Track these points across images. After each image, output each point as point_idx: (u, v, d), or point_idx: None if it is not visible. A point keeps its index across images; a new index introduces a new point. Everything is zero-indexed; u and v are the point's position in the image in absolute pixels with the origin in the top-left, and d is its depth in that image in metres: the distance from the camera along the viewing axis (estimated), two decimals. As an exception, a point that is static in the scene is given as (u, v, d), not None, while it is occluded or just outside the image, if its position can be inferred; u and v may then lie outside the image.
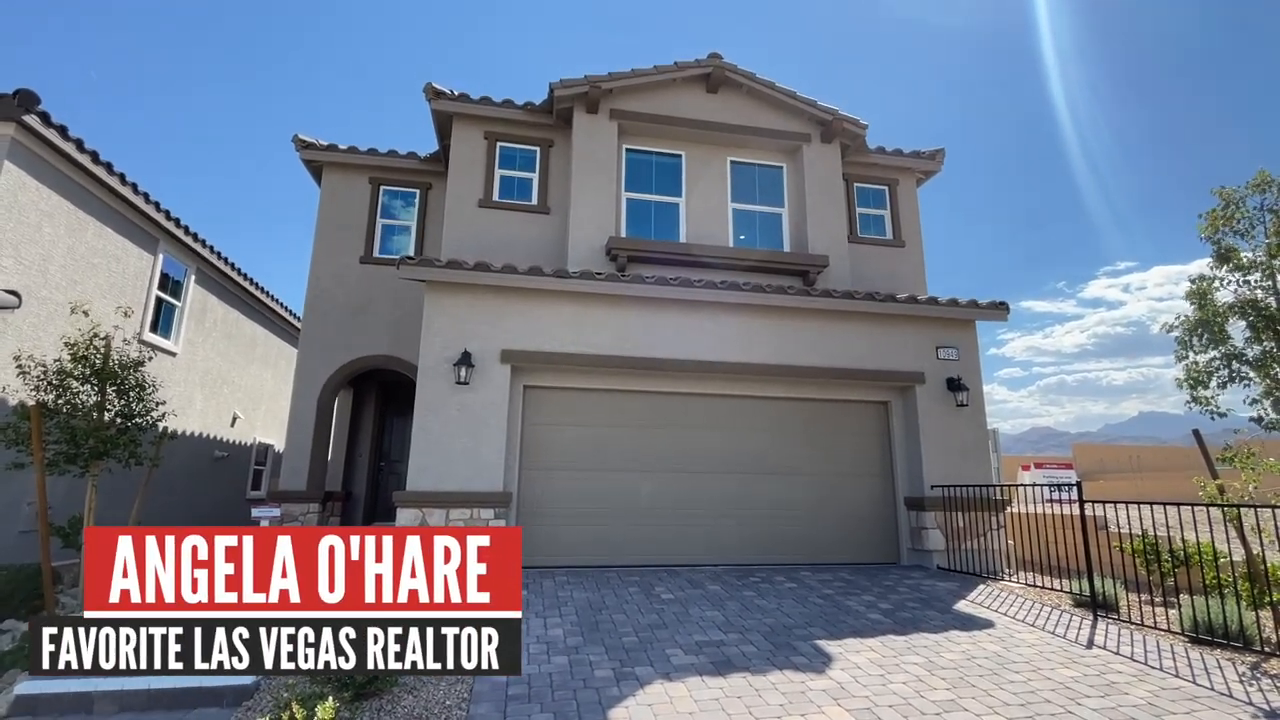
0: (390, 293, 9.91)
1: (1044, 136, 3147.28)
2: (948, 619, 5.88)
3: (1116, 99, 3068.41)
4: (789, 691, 4.17)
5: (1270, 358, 5.37)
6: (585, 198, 9.21)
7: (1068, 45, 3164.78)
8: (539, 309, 7.84)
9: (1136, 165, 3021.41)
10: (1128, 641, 5.29)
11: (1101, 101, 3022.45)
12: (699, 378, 8.26)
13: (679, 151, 9.91)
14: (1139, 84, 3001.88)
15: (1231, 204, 5.65)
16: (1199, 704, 4.07)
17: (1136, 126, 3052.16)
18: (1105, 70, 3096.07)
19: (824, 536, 8.34)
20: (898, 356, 8.68)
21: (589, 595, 6.37)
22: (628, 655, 4.78)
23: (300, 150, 10.35)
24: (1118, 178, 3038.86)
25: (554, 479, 7.81)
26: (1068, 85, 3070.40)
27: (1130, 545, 7.31)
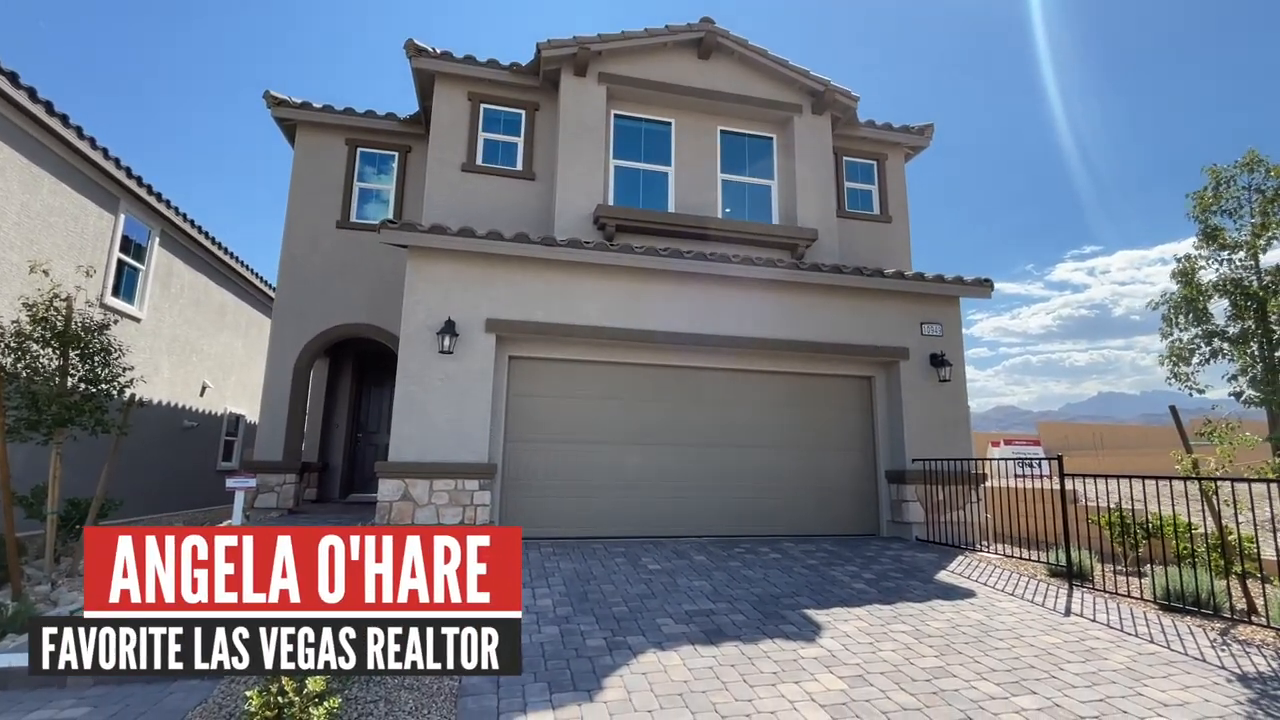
0: (368, 259, 9.60)
1: (1020, 122, 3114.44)
2: (931, 589, 6.00)
3: (1091, 86, 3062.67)
4: (781, 660, 4.20)
5: (1249, 335, 5.47)
6: (573, 164, 8.97)
7: (1045, 34, 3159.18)
8: (525, 278, 7.65)
9: (1106, 151, 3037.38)
10: (1103, 609, 5.45)
11: (1075, 89, 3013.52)
12: (687, 350, 8.19)
13: (669, 119, 9.69)
14: (1114, 72, 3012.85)
15: (1221, 183, 5.68)
16: (1175, 668, 4.21)
17: (1109, 113, 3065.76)
18: (1082, 58, 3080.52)
19: (806, 509, 8.43)
20: (883, 331, 8.71)
21: (576, 566, 6.34)
22: (619, 625, 4.77)
23: (272, 108, 9.87)
24: (1089, 163, 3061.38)
25: (539, 451, 7.72)
26: (1048, 74, 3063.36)
27: (1103, 518, 7.52)
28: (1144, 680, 4.01)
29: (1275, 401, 5.41)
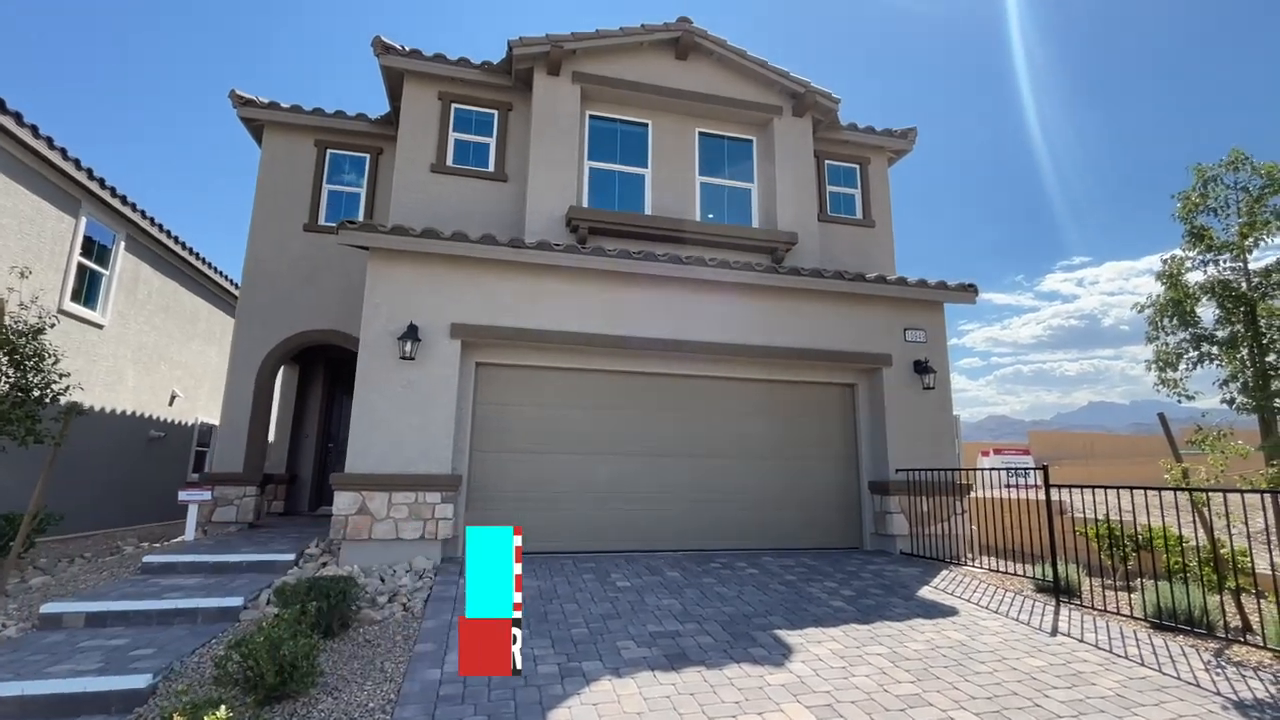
0: (337, 263, 9.29)
1: (1012, 133, 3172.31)
2: (911, 606, 5.70)
3: (1080, 99, 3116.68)
4: (746, 687, 3.89)
5: (1239, 339, 5.24)
6: (545, 165, 8.71)
7: (1036, 47, 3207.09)
8: (493, 281, 7.37)
9: (1094, 164, 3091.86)
10: (1091, 628, 5.17)
11: (1066, 102, 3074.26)
12: (662, 357, 7.91)
13: (645, 120, 9.46)
14: (1101, 86, 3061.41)
15: (1207, 182, 5.49)
16: (1167, 694, 3.92)
17: (1096, 127, 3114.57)
18: (1069, 72, 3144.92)
19: (787, 521, 8.13)
20: (865, 338, 8.47)
21: (540, 584, 6.01)
22: (576, 649, 4.45)
23: (238, 108, 9.58)
24: (1078, 175, 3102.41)
25: (507, 461, 7.40)
26: (1035, 86, 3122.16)
27: (1091, 530, 7.26)
28: (1134, 709, 3.72)
29: (1267, 409, 5.17)
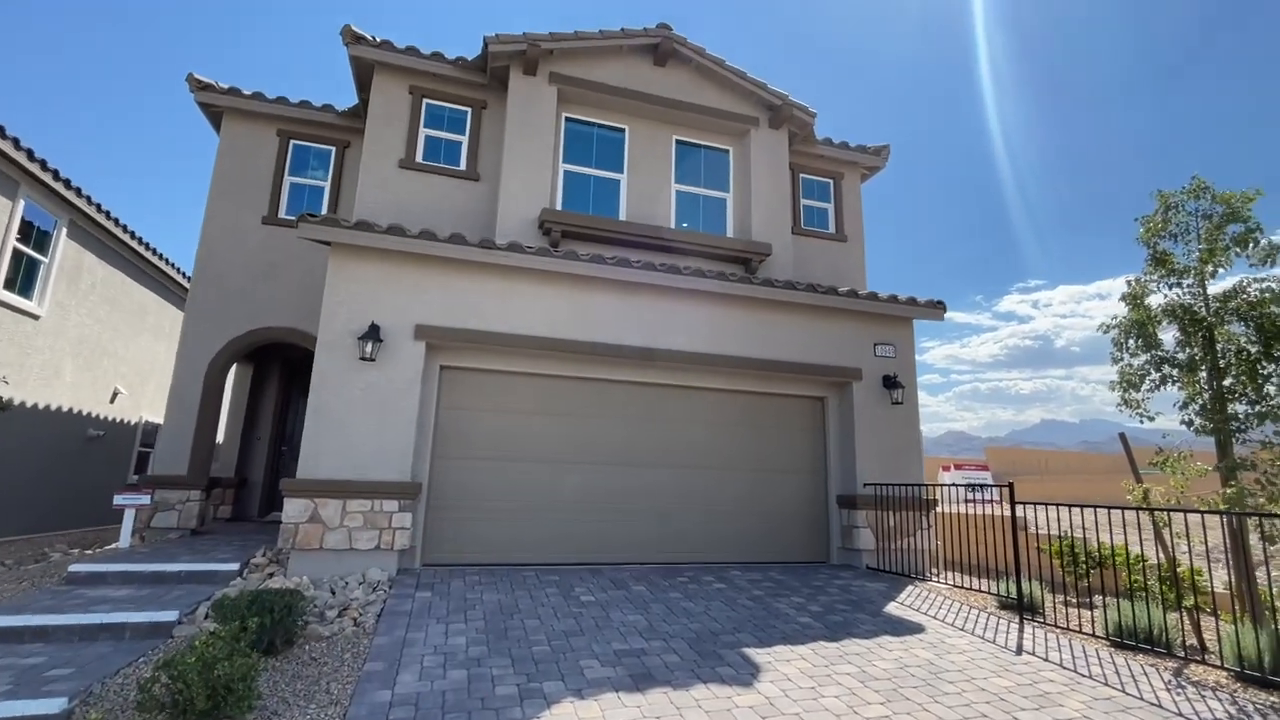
0: (298, 259, 8.90)
1: (976, 158, 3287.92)
2: (879, 623, 5.65)
3: (1041, 125, 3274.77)
4: (714, 709, 3.74)
5: (1197, 362, 5.35)
6: (519, 165, 8.52)
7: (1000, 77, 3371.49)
8: (461, 282, 7.13)
9: (1052, 188, 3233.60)
10: (1055, 646, 5.18)
11: (1028, 127, 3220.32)
12: (633, 365, 7.77)
13: (622, 125, 9.36)
14: (1060, 113, 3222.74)
15: (1170, 208, 5.62)
16: (1133, 716, 3.91)
17: (1056, 153, 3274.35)
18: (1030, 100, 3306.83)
19: (755, 534, 8.04)
20: (836, 351, 8.47)
21: (501, 597, 5.78)
22: (537, 668, 4.24)
23: (196, 92, 9.15)
24: (1038, 199, 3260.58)
25: (470, 469, 7.14)
26: (998, 113, 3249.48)
27: (1052, 547, 7.36)
28: (1101, 731, 3.70)
29: (1223, 431, 5.28)
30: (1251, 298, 5.28)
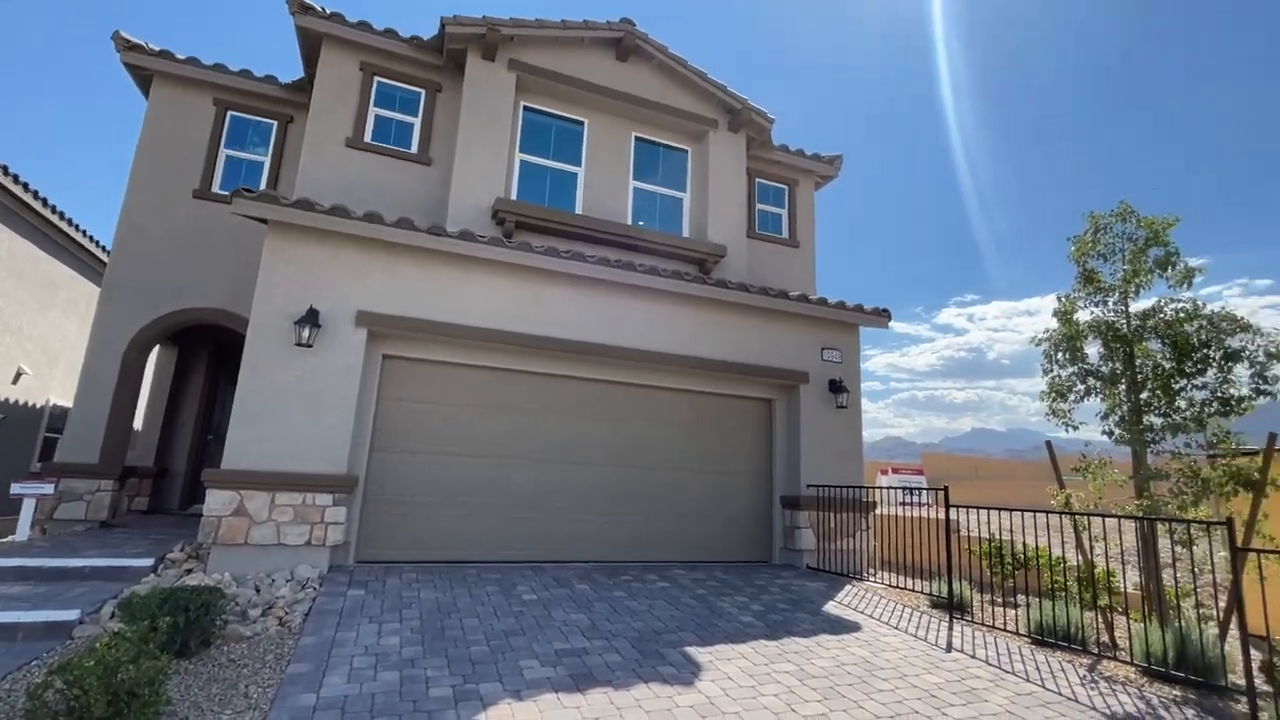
0: (232, 237, 8.39)
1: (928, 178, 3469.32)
2: (818, 622, 5.75)
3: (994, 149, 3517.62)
4: (654, 709, 3.71)
5: (1118, 376, 5.68)
6: (473, 152, 8.29)
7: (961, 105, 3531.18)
8: (408, 269, 6.87)
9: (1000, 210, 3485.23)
10: (981, 644, 5.39)
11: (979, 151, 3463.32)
12: (585, 361, 7.67)
13: (582, 118, 9.24)
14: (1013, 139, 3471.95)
15: (1099, 229, 5.94)
16: (1052, 710, 4.10)
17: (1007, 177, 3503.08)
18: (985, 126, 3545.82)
19: (701, 534, 8.08)
20: (786, 354, 8.61)
21: (439, 596, 5.59)
22: (474, 668, 4.11)
23: (122, 52, 8.52)
24: (980, 220, 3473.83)
25: (412, 463, 6.89)
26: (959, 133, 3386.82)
27: (980, 549, 7.68)
28: (1023, 725, 3.86)
29: (1139, 442, 5.61)
30: (1168, 317, 5.64)
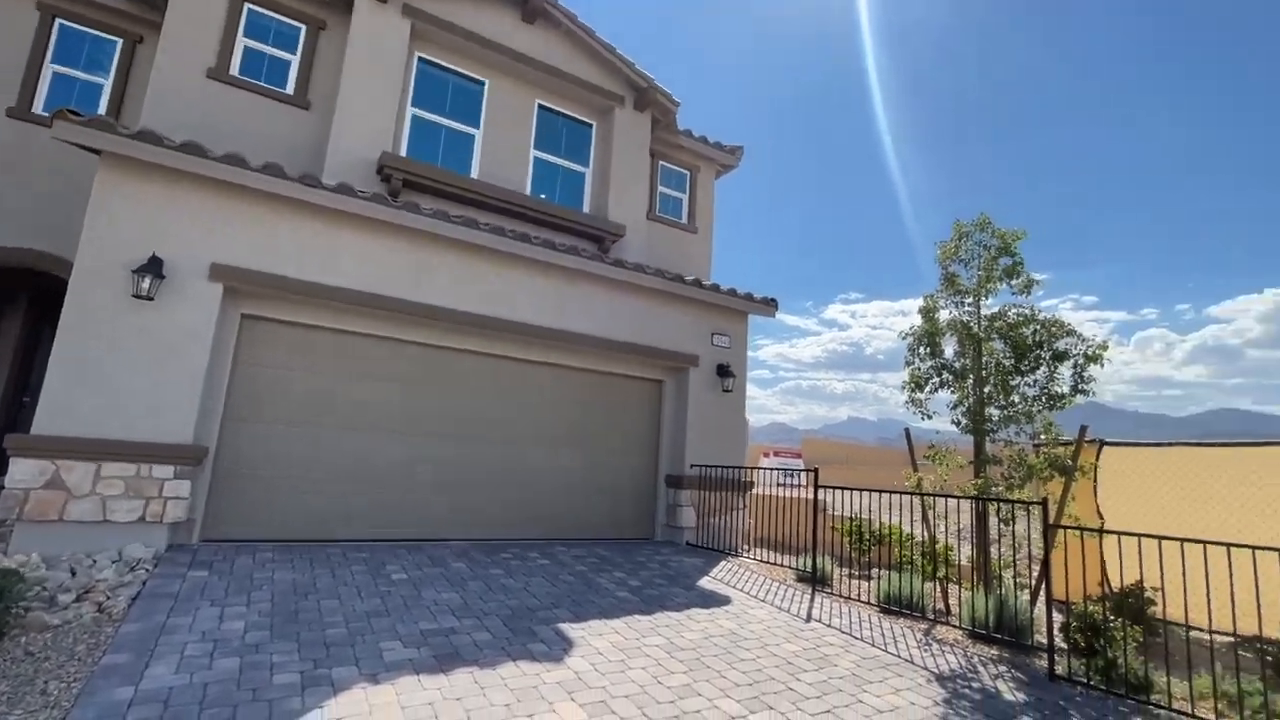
0: (59, 167, 7.21)
1: (827, 177, 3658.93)
2: (691, 596, 5.95)
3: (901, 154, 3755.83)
4: (520, 687, 3.66)
5: (967, 371, 6.27)
6: (359, 99, 7.65)
7: (871, 106, 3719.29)
8: (276, 221, 6.24)
9: (909, 218, 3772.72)
10: (838, 614, 5.81)
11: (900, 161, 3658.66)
12: (473, 334, 7.38)
13: (483, 78, 8.79)
14: (931, 154, 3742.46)
15: (962, 236, 6.49)
16: (890, 671, 4.50)
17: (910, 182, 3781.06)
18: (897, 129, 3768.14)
19: (586, 512, 8.09)
20: (678, 337, 8.75)
21: (297, 576, 5.20)
22: (328, 652, 3.85)
23: (-89, -72, 7.01)
24: (883, 224, 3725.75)
25: (273, 434, 6.33)
26: (859, 139, 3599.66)
27: (842, 526, 8.28)
28: (865, 686, 4.19)
29: (980, 431, 6.22)
30: (1010, 320, 6.29)
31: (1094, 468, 6.40)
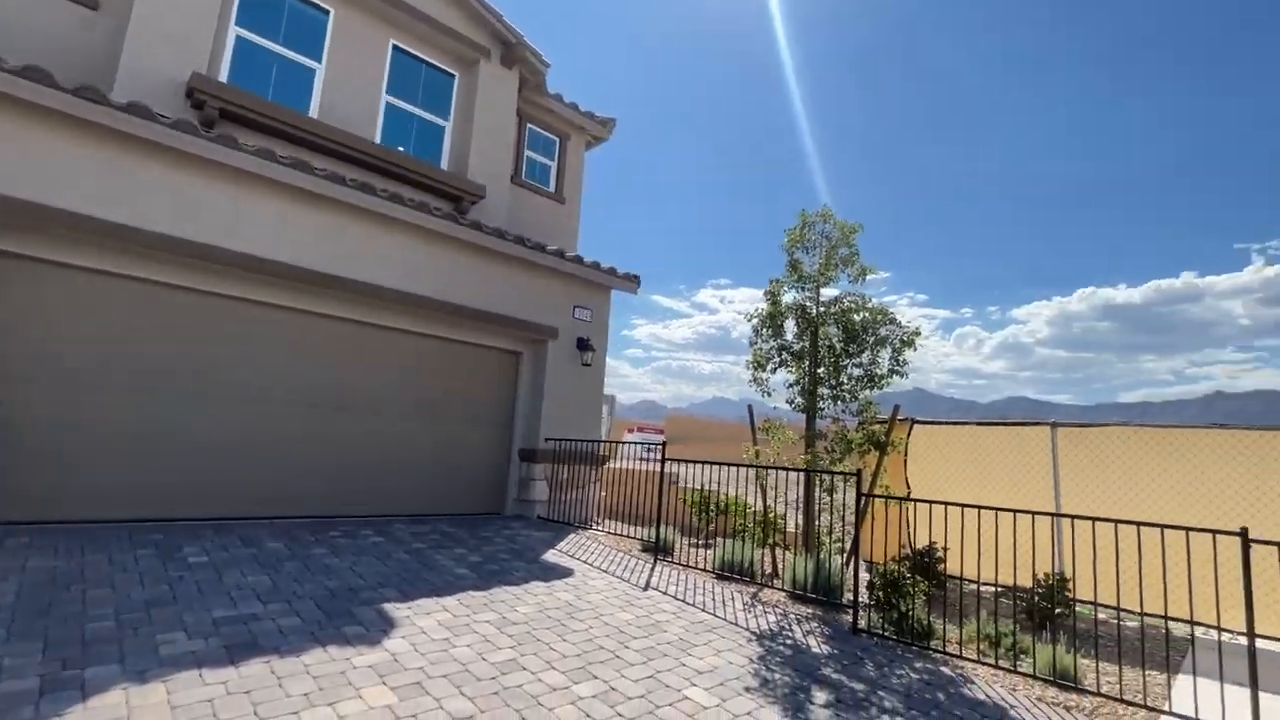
0: None
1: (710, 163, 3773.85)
2: (533, 569, 5.87)
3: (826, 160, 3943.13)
4: (324, 674, 3.36)
5: (804, 353, 6.69)
6: (163, 5, 6.50)
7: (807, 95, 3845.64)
8: (46, 139, 5.15)
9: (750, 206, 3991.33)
10: (676, 581, 6.02)
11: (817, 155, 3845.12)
12: (306, 292, 6.65)
13: (327, 6, 7.84)
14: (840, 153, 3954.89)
15: (806, 225, 6.87)
16: (715, 634, 4.72)
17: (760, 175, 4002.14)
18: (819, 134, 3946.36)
19: (433, 486, 7.71)
20: (538, 308, 8.52)
21: (58, 564, 4.42)
22: (85, 651, 3.29)
23: None
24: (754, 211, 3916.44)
25: (39, 398, 5.30)
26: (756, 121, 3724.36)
27: (689, 498, 8.62)
28: (689, 649, 4.36)
29: (811, 409, 6.69)
30: (844, 305, 6.80)
31: (904, 443, 7.15)
